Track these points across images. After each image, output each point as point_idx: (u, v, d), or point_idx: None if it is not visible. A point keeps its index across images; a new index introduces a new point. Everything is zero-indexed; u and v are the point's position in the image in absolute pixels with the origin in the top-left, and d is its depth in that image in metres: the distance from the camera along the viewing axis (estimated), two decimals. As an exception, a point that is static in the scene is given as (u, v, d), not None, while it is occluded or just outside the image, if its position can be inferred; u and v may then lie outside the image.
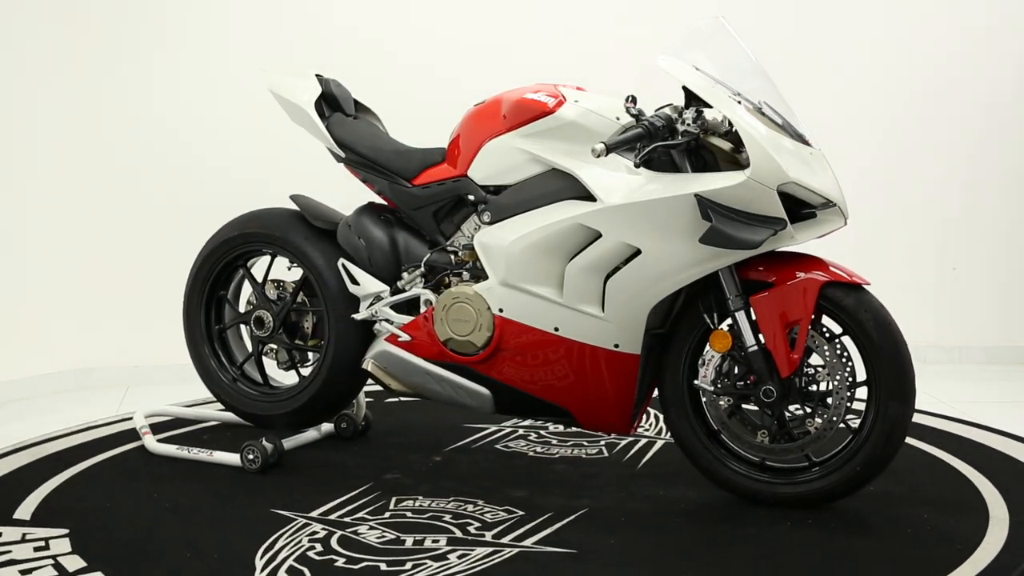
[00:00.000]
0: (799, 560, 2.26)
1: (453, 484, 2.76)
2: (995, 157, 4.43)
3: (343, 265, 2.87)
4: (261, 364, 3.13)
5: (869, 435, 2.44)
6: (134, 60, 4.20)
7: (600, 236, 2.50)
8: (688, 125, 2.43)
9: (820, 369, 2.48)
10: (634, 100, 2.57)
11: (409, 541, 2.37)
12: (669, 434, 2.88)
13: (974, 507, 2.54)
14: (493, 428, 3.32)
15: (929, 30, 4.39)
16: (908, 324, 2.57)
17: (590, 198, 2.53)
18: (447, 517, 2.52)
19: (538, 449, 3.11)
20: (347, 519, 2.52)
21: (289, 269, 3.05)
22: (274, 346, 3.06)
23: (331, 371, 2.91)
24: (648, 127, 2.40)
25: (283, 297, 3.04)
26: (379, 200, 2.98)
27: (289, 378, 3.19)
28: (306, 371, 3.07)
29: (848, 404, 2.46)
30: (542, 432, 3.29)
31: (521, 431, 3.30)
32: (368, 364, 2.84)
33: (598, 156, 2.36)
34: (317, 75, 3.01)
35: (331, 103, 2.99)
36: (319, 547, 2.34)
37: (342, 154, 2.93)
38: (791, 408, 2.53)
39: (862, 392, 2.49)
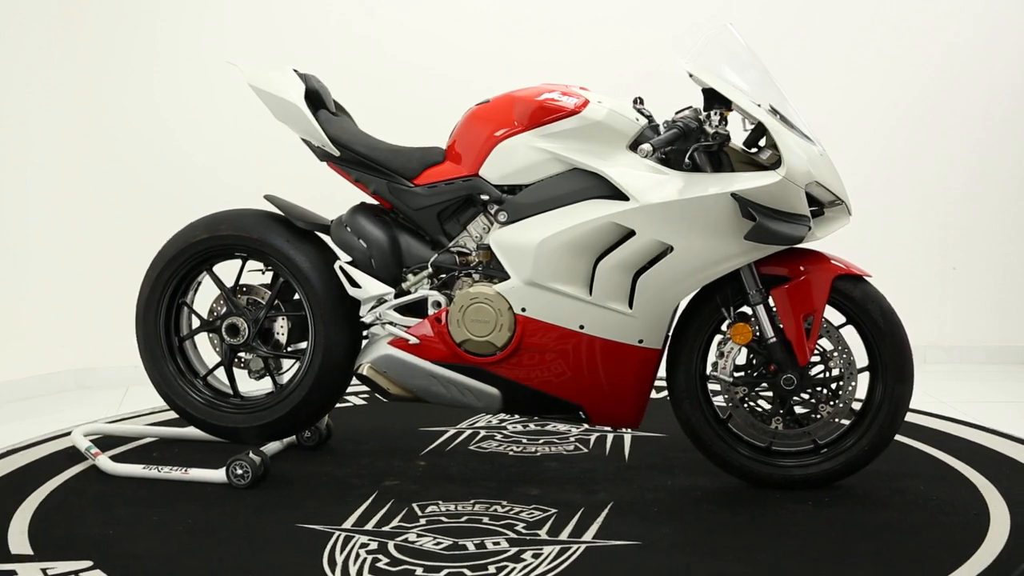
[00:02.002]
0: (848, 536, 2.39)
1: (461, 487, 2.74)
2: (995, 158, 4.45)
3: (341, 268, 2.79)
4: (232, 375, 2.97)
5: (876, 416, 2.63)
6: (134, 63, 4.20)
7: (633, 234, 2.54)
8: (718, 127, 2.53)
9: (832, 356, 2.64)
10: (641, 101, 2.73)
11: (471, 545, 2.34)
12: (625, 430, 2.92)
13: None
14: (452, 431, 3.30)
15: (931, 31, 4.41)
16: (908, 324, 2.66)
17: (615, 197, 2.57)
18: (485, 519, 2.50)
19: (515, 448, 3.11)
20: (385, 528, 2.45)
21: (263, 273, 2.94)
22: (244, 355, 2.91)
23: (318, 378, 2.81)
24: (683, 128, 2.49)
25: (255, 302, 2.91)
26: (367, 200, 2.90)
27: (248, 387, 3.05)
28: (273, 379, 2.96)
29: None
30: (505, 432, 3.29)
31: (483, 432, 3.29)
32: (364, 369, 2.75)
33: (646, 156, 2.47)
34: (294, 70, 2.91)
35: (314, 100, 2.88)
36: (384, 558, 2.28)
37: (336, 153, 2.82)
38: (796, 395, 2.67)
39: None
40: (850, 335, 2.66)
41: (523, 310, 2.63)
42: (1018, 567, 2.17)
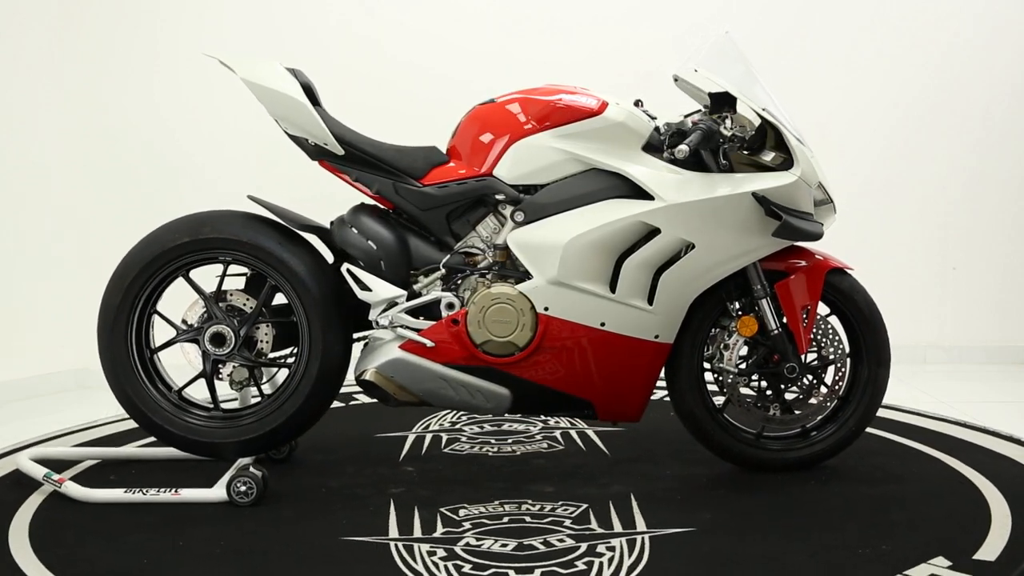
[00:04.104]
0: (866, 510, 2.55)
1: (472, 490, 2.70)
2: (995, 158, 4.45)
3: (348, 270, 2.69)
4: (213, 387, 2.78)
5: (861, 398, 2.82)
6: (134, 63, 4.21)
7: (657, 232, 2.61)
8: (734, 129, 2.61)
9: (824, 345, 2.80)
10: (641, 103, 2.77)
11: (538, 545, 2.31)
12: (586, 426, 2.92)
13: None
14: (412, 435, 3.25)
15: (931, 31, 4.41)
16: (908, 324, 2.68)
17: (633, 196, 2.62)
18: (528, 519, 2.49)
19: (490, 449, 3.09)
20: (436, 535, 2.38)
21: (249, 277, 2.80)
22: (225, 365, 2.74)
23: (315, 385, 2.70)
24: (707, 129, 2.57)
25: (235, 309, 2.75)
26: (366, 201, 2.82)
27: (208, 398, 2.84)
28: (259, 389, 2.83)
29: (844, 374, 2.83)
30: (466, 434, 3.27)
31: (445, 435, 3.25)
32: (369, 374, 2.66)
33: (683, 158, 2.53)
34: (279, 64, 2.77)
35: (307, 96, 2.73)
36: (464, 564, 2.21)
37: (340, 151, 2.71)
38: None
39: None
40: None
41: (546, 309, 2.64)
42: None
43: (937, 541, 2.31)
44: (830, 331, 2.80)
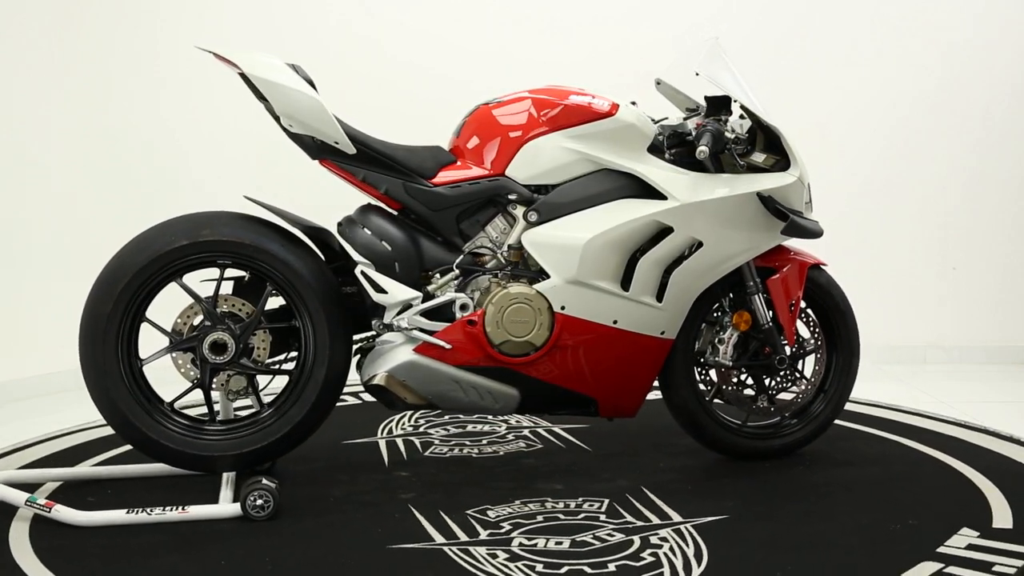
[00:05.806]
0: (868, 491, 2.68)
1: (482, 491, 2.67)
2: (995, 158, 4.45)
3: (362, 272, 2.61)
4: (210, 397, 2.65)
5: (837, 386, 2.97)
6: (134, 62, 4.21)
7: (670, 231, 2.67)
8: (737, 132, 2.69)
9: (806, 338, 2.93)
10: (636, 104, 2.77)
11: (592, 540, 2.32)
12: (554, 424, 2.93)
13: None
14: (382, 441, 3.18)
15: (931, 31, 4.41)
16: (908, 324, 2.68)
17: (647, 195, 2.67)
18: (561, 516, 2.48)
19: (471, 451, 3.07)
20: (483, 537, 2.35)
21: (245, 281, 2.70)
22: (222, 374, 2.61)
23: (322, 392, 2.61)
24: (716, 131, 2.64)
25: (231, 315, 2.61)
26: (371, 201, 2.77)
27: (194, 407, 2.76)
28: (258, 398, 2.69)
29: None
30: (437, 437, 3.24)
31: (416, 439, 3.20)
32: (380, 378, 2.60)
33: (704, 159, 2.63)
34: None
35: None
36: (536, 564, 2.18)
37: (352, 150, 2.62)
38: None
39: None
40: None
41: (562, 308, 2.65)
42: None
43: (953, 516, 2.42)
44: (811, 324, 2.94)
